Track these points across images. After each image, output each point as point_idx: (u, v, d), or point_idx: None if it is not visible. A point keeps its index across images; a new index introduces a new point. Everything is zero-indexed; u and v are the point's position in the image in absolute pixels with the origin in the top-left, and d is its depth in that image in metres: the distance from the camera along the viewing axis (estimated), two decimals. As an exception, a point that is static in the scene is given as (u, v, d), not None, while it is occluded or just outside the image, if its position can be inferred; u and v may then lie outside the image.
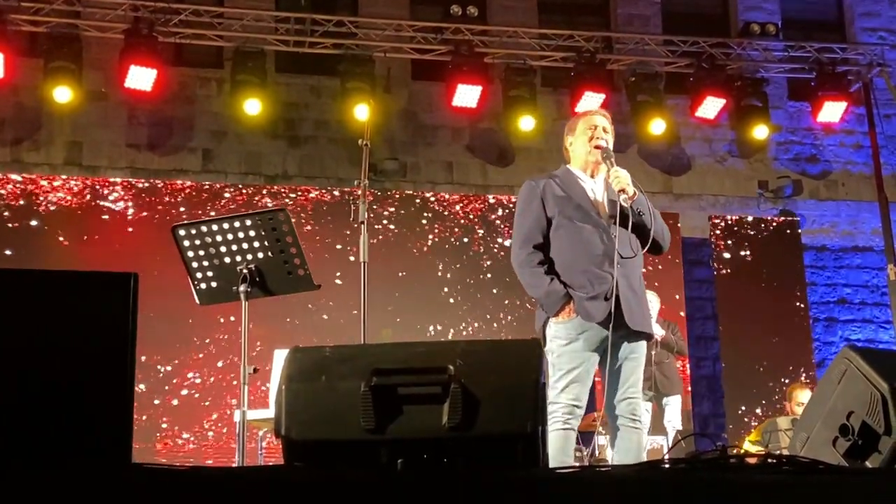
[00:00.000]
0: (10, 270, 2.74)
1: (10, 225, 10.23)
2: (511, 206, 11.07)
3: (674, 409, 8.93)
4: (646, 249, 4.86)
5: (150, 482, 2.44)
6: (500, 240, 11.03)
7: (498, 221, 11.18)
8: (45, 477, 2.36)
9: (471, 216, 11.21)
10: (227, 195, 10.80)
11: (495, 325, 10.70)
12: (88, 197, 10.46)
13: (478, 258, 11.00)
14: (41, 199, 10.36)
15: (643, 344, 4.84)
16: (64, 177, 10.59)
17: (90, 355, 2.64)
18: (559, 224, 4.84)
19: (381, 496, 2.45)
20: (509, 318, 10.66)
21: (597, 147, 4.92)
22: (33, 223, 10.28)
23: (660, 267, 10.80)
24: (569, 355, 4.70)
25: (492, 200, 11.33)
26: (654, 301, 8.99)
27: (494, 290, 10.75)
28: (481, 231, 11.14)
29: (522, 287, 4.94)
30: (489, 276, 10.86)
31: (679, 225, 11.48)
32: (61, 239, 10.28)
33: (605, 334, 4.70)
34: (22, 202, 10.31)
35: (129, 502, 2.36)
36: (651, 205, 4.84)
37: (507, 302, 10.70)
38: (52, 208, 10.35)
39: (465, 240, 11.09)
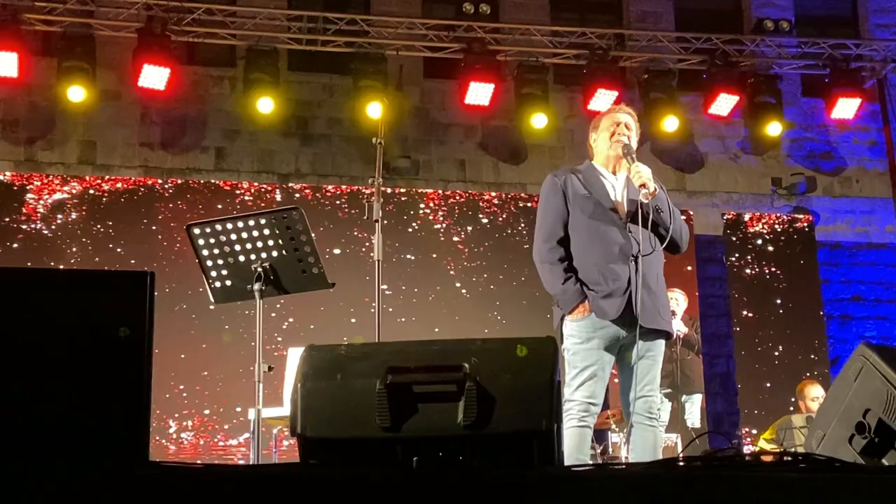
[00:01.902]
0: (27, 269, 2.75)
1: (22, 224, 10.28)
2: (522, 203, 11.06)
3: (693, 408, 8.90)
4: (664, 247, 4.86)
5: (167, 480, 2.45)
6: (513, 238, 11.03)
7: (512, 219, 11.16)
8: (62, 474, 2.37)
9: (482, 214, 11.20)
10: (239, 193, 10.81)
11: (506, 322, 10.67)
12: (102, 196, 10.48)
13: (490, 256, 10.98)
14: (55, 197, 10.38)
15: (660, 342, 4.84)
16: (77, 176, 10.63)
17: (106, 354, 2.65)
18: (577, 219, 4.85)
19: (396, 494, 2.46)
20: (518, 315, 10.63)
21: (617, 142, 4.92)
22: (45, 223, 10.31)
23: (675, 265, 10.77)
24: (584, 353, 4.71)
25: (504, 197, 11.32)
26: (681, 299, 8.98)
27: (510, 287, 10.73)
28: (492, 229, 11.13)
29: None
30: (502, 274, 10.84)
31: (692, 222, 11.46)
32: (74, 239, 10.31)
33: (620, 332, 4.71)
34: (37, 200, 10.34)
35: (146, 500, 2.37)
36: (671, 203, 4.85)
37: (522, 301, 10.68)
38: (66, 207, 10.38)
39: (477, 238, 11.08)
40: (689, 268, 11.27)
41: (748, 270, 11.73)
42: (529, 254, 5.12)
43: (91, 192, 10.47)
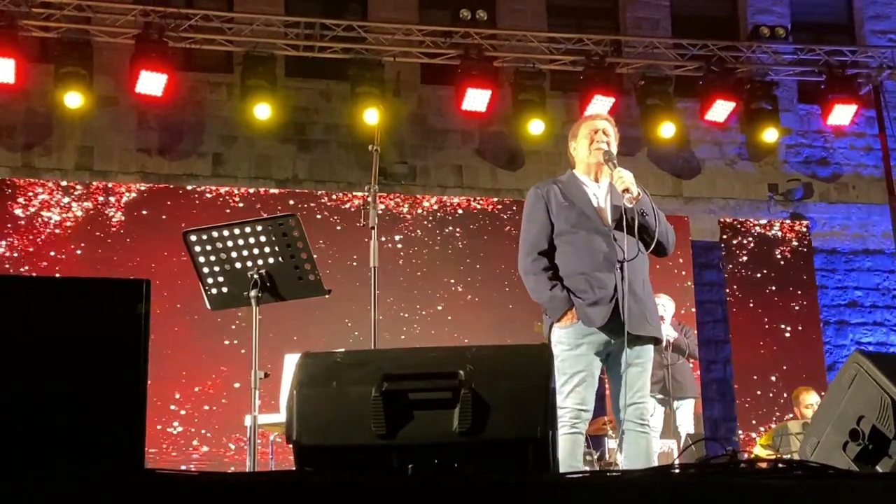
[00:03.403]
0: (25, 277, 2.76)
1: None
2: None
3: (685, 413, 8.90)
4: (650, 251, 4.87)
5: (163, 487, 2.46)
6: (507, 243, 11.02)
7: (507, 227, 11.17)
8: (57, 482, 2.38)
9: (480, 219, 11.20)
10: (237, 200, 10.81)
11: (502, 330, 10.67)
12: (99, 202, 10.48)
13: (487, 262, 10.98)
14: (53, 204, 10.38)
15: (649, 348, 4.84)
16: (74, 182, 10.62)
17: (103, 361, 2.65)
18: (562, 230, 4.87)
19: (391, 501, 2.46)
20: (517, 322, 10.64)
21: (598, 149, 4.94)
22: (45, 229, 10.31)
23: (672, 270, 10.79)
24: (572, 360, 4.72)
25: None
26: (668, 304, 8.98)
27: (504, 294, 10.74)
28: (491, 235, 11.13)
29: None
30: (499, 280, 10.84)
31: (689, 228, 11.48)
32: (73, 245, 10.31)
33: (608, 339, 4.72)
34: (31, 208, 10.34)
35: (142, 508, 2.37)
36: (655, 206, 4.85)
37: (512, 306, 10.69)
38: (64, 213, 10.38)
39: (475, 244, 11.08)
40: (687, 264, 11.30)
41: (745, 276, 11.73)
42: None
43: (87, 197, 10.46)
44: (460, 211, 11.17)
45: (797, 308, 11.70)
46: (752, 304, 11.62)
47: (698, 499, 2.52)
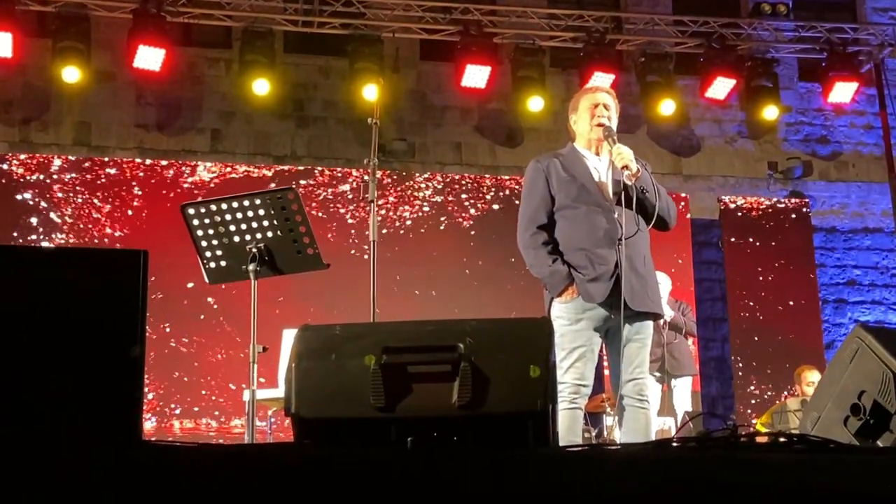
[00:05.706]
0: (24, 247, 2.74)
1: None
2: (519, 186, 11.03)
3: (683, 391, 8.91)
4: (651, 226, 4.84)
5: (160, 459, 2.44)
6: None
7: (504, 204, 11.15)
8: (54, 453, 2.36)
9: (480, 196, 11.18)
10: (235, 175, 10.78)
11: (501, 305, 10.66)
12: (97, 177, 10.44)
13: (489, 238, 10.96)
14: (53, 178, 10.35)
15: (649, 324, 4.82)
16: (72, 157, 10.59)
17: (100, 332, 2.64)
18: (562, 204, 4.83)
19: (390, 474, 2.45)
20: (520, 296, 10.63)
21: (598, 125, 4.90)
22: (43, 203, 10.29)
23: (671, 248, 10.78)
24: (572, 335, 4.69)
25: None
26: (664, 282, 8.97)
27: (505, 271, 10.72)
28: (492, 210, 11.11)
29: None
30: (501, 255, 10.83)
31: (689, 206, 11.46)
32: (72, 219, 10.29)
33: (608, 315, 4.70)
34: (33, 180, 10.31)
35: (138, 479, 2.36)
36: (655, 181, 4.82)
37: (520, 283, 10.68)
38: (64, 188, 10.34)
39: (474, 220, 11.06)
40: (686, 242, 11.28)
41: (743, 254, 11.72)
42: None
43: (85, 172, 10.43)
44: (459, 187, 11.15)
45: (796, 286, 11.69)
46: (750, 283, 11.62)
47: (698, 473, 2.51)
